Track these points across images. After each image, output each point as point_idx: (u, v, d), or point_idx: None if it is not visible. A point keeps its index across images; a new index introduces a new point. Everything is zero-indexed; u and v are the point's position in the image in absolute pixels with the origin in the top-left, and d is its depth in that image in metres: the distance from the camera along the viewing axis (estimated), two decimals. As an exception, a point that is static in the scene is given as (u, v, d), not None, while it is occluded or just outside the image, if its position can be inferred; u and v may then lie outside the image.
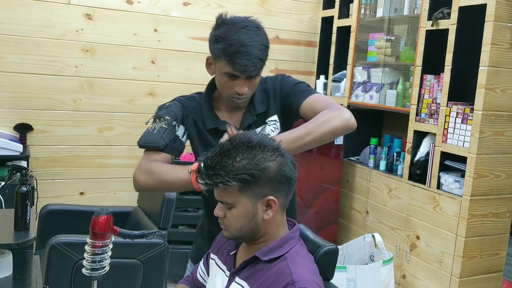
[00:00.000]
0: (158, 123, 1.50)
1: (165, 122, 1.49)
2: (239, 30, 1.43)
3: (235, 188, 1.18)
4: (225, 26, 1.45)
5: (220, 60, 1.44)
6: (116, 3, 3.34)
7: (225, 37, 1.42)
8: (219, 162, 1.19)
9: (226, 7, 3.65)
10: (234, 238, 1.27)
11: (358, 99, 3.58)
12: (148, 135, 1.49)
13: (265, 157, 1.19)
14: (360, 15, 3.58)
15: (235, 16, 1.48)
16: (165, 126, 1.48)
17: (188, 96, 1.63)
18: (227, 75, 1.45)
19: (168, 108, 1.55)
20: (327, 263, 1.32)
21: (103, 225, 1.36)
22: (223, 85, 1.49)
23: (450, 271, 2.74)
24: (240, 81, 1.46)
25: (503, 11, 2.54)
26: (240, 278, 1.25)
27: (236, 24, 1.44)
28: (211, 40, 1.48)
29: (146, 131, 1.51)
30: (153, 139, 1.47)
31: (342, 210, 3.68)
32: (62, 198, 3.33)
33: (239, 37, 1.41)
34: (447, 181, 2.80)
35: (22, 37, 3.12)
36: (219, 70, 1.47)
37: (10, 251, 1.72)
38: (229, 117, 1.58)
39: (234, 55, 1.40)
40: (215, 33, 1.47)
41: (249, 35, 1.42)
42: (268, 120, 1.61)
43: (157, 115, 1.54)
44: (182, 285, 1.49)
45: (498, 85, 2.60)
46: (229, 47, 1.41)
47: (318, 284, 1.17)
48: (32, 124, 3.19)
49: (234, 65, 1.41)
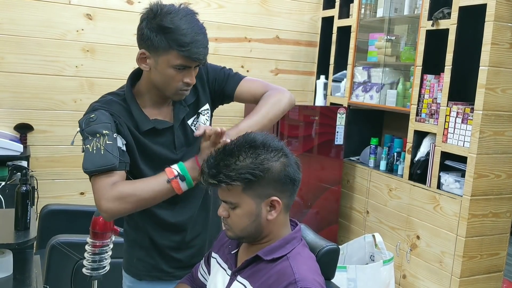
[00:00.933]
0: (97, 140, 1.31)
1: (106, 137, 1.32)
2: (183, 18, 1.35)
3: (239, 188, 1.18)
4: (168, 16, 1.33)
5: (169, 52, 1.34)
6: (116, 3, 3.34)
7: (174, 27, 1.32)
8: (222, 161, 1.19)
9: (227, 7, 3.65)
10: (238, 238, 1.27)
11: (358, 99, 3.58)
12: (96, 157, 1.29)
13: (269, 157, 1.19)
14: (360, 15, 3.58)
15: (167, 5, 1.37)
16: (109, 142, 1.31)
17: (104, 100, 1.45)
18: (177, 67, 1.35)
19: (98, 120, 1.35)
20: (328, 263, 1.33)
21: (104, 224, 1.37)
22: (170, 79, 1.37)
23: (450, 271, 2.74)
24: (191, 71, 1.39)
25: (503, 11, 2.54)
26: (242, 277, 1.25)
27: (177, 13, 1.35)
28: (153, 32, 1.34)
29: (87, 153, 1.31)
30: (105, 161, 1.29)
31: (343, 210, 3.68)
32: (62, 198, 3.33)
33: (189, 26, 1.34)
34: (447, 181, 2.80)
35: (22, 37, 3.13)
36: (166, 64, 1.36)
37: (11, 251, 1.73)
38: (158, 113, 1.47)
39: (190, 45, 1.32)
40: (157, 23, 1.33)
41: (195, 23, 1.37)
42: (201, 110, 1.55)
43: (89, 131, 1.34)
44: (183, 284, 1.49)
45: (498, 85, 2.60)
46: (183, 37, 1.32)
47: (320, 283, 1.17)
48: (33, 124, 3.20)
49: (190, 55, 1.33)
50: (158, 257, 1.53)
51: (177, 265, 1.56)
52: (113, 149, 1.31)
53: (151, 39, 1.35)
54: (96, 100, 1.47)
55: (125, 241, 1.59)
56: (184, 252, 1.56)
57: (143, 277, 1.55)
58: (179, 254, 1.55)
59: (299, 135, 3.40)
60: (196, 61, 1.37)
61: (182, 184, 1.33)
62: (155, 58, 1.38)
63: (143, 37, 1.38)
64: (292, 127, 3.38)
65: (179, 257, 1.56)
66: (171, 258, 1.55)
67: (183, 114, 1.50)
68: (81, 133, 1.37)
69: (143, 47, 1.40)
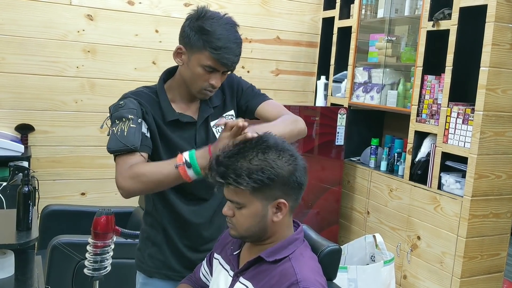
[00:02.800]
0: (122, 124, 1.42)
1: (131, 121, 1.42)
2: (224, 25, 1.44)
3: (248, 189, 1.18)
4: (209, 20, 1.43)
5: (202, 52, 1.43)
6: (117, 4, 3.34)
7: (211, 30, 1.41)
8: (234, 161, 1.18)
9: (227, 8, 3.66)
10: (241, 237, 1.27)
11: (359, 99, 3.59)
12: (120, 139, 1.40)
13: (280, 162, 1.19)
14: (361, 16, 3.58)
15: (211, 10, 1.48)
16: (133, 125, 1.42)
17: (134, 91, 1.56)
18: (206, 67, 1.44)
19: (126, 107, 1.46)
20: (330, 263, 1.33)
21: (105, 225, 1.37)
22: (198, 77, 1.47)
23: (451, 272, 2.75)
24: (218, 75, 1.47)
25: (503, 12, 2.55)
26: (244, 278, 1.25)
27: (220, 20, 1.45)
28: (191, 31, 1.44)
29: (112, 135, 1.42)
30: (127, 142, 1.39)
31: (343, 210, 3.68)
32: (63, 198, 3.33)
33: (226, 33, 1.43)
34: (448, 181, 2.80)
35: (23, 38, 3.13)
36: (197, 62, 1.45)
37: (12, 251, 1.73)
38: (186, 108, 1.56)
39: (222, 50, 1.41)
40: (199, 24, 1.43)
41: (233, 32, 1.46)
42: (226, 114, 1.63)
43: (116, 116, 1.45)
44: (185, 284, 1.49)
45: (499, 85, 2.61)
46: (217, 41, 1.41)
47: (321, 284, 1.17)
48: (34, 124, 3.20)
49: (220, 59, 1.42)
50: (169, 255, 1.58)
51: (187, 264, 1.58)
52: (136, 132, 1.41)
53: (190, 37, 1.45)
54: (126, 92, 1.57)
55: (140, 240, 1.66)
56: (197, 254, 1.58)
57: (153, 275, 1.60)
58: (192, 254, 1.59)
59: (299, 135, 3.40)
60: (224, 66, 1.45)
61: (189, 171, 1.33)
62: (189, 55, 1.47)
63: (183, 34, 1.48)
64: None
65: (191, 257, 1.59)
66: (182, 256, 1.58)
67: (207, 113, 1.58)
68: (110, 118, 1.48)
69: (181, 43, 1.49)
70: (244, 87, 1.66)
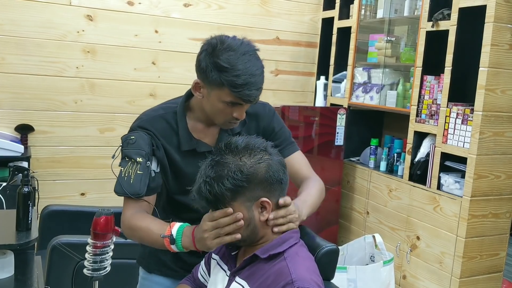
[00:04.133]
0: (130, 167, 1.42)
1: (139, 166, 1.41)
2: (241, 57, 1.35)
3: (228, 196, 1.20)
4: (225, 52, 1.35)
5: (222, 89, 1.35)
6: (117, 4, 3.35)
7: (230, 67, 1.33)
8: (208, 175, 1.21)
9: (227, 8, 3.66)
10: (234, 244, 1.28)
11: (358, 99, 3.59)
12: (126, 184, 1.41)
13: (253, 160, 1.21)
14: (360, 16, 3.59)
15: (229, 38, 1.40)
16: (140, 172, 1.41)
17: (150, 117, 1.50)
18: (227, 103, 1.38)
19: (136, 145, 1.43)
20: (327, 263, 1.33)
21: (104, 225, 1.37)
22: (220, 112, 1.41)
23: (450, 272, 2.75)
24: (241, 108, 1.41)
25: (503, 12, 2.55)
26: (240, 278, 1.25)
27: (237, 50, 1.35)
28: (208, 67, 1.36)
29: (120, 177, 1.44)
30: (132, 189, 1.41)
31: (343, 210, 3.68)
32: (63, 198, 3.33)
33: (245, 67, 1.34)
34: (447, 181, 2.81)
35: (23, 38, 3.13)
36: (217, 98, 1.38)
37: (12, 251, 1.73)
38: (204, 131, 1.52)
39: (243, 87, 1.33)
40: (215, 61, 1.35)
41: (253, 62, 1.36)
42: None
43: (126, 153, 1.44)
44: (184, 285, 1.50)
45: (498, 86, 2.61)
46: (237, 78, 1.33)
47: (317, 283, 1.17)
48: (33, 125, 3.20)
49: (242, 97, 1.35)
50: (169, 254, 1.55)
51: (183, 266, 1.59)
52: (143, 178, 1.41)
53: (207, 73, 1.37)
54: (144, 113, 1.53)
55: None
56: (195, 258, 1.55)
57: (153, 271, 1.65)
58: (188, 257, 1.56)
59: (299, 135, 3.41)
60: (246, 102, 1.38)
61: (172, 246, 1.31)
62: (208, 90, 1.40)
63: (200, 69, 1.40)
64: (292, 127, 3.38)
65: (187, 260, 1.57)
66: (179, 258, 1.58)
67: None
68: (121, 150, 1.48)
69: (199, 78, 1.42)
70: (276, 128, 1.60)
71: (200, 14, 3.59)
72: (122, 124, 3.45)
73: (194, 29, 3.57)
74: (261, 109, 1.59)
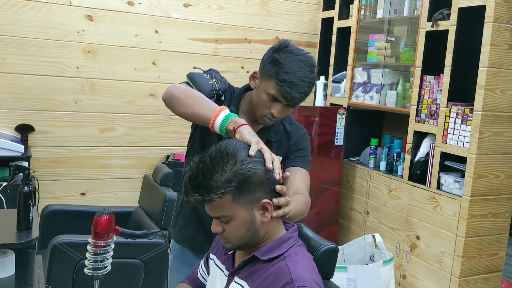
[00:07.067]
0: (212, 78, 1.62)
1: (218, 84, 1.61)
2: (297, 62, 1.50)
3: (229, 199, 1.16)
4: (286, 53, 1.51)
5: (270, 81, 1.51)
6: (117, 5, 3.35)
7: (283, 63, 1.48)
8: (204, 178, 1.15)
9: (227, 8, 3.67)
10: (237, 247, 1.26)
11: (358, 99, 3.59)
12: (201, 77, 1.60)
13: (252, 161, 1.18)
14: (360, 16, 3.59)
15: (295, 46, 1.55)
16: (218, 87, 1.61)
17: (229, 83, 1.70)
18: (270, 95, 1.52)
19: (224, 79, 1.66)
20: (327, 262, 1.34)
21: (105, 225, 1.37)
22: (261, 103, 1.55)
23: (450, 271, 2.75)
24: (279, 105, 1.53)
25: (502, 12, 2.55)
26: (239, 277, 1.25)
27: (296, 56, 1.51)
28: (267, 59, 1.53)
29: (199, 72, 1.63)
30: (204, 83, 1.58)
31: (343, 210, 3.69)
32: (63, 198, 3.34)
33: (296, 69, 1.48)
34: (447, 181, 2.81)
35: (23, 38, 3.14)
36: (263, 89, 1.53)
37: (13, 251, 1.73)
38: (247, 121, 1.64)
39: (286, 83, 1.47)
40: (274, 55, 1.51)
41: (305, 71, 1.50)
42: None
43: (212, 73, 1.63)
44: (184, 284, 1.50)
45: (498, 85, 2.61)
46: (284, 74, 1.47)
47: (317, 282, 1.17)
48: (34, 125, 3.21)
49: (282, 91, 1.48)
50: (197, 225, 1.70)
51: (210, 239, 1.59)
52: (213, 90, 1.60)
53: (264, 64, 1.55)
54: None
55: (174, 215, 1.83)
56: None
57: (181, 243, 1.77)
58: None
59: (299, 135, 3.41)
60: (284, 99, 1.50)
61: (216, 125, 1.40)
62: (260, 81, 1.57)
63: (262, 61, 1.57)
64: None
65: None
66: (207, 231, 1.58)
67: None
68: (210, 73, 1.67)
69: (259, 69, 1.59)
70: (301, 147, 1.71)
71: (200, 14, 3.59)
72: (122, 124, 3.46)
73: (194, 29, 3.57)
74: (299, 131, 1.73)
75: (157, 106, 3.53)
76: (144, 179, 3.18)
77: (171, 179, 2.80)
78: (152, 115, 3.53)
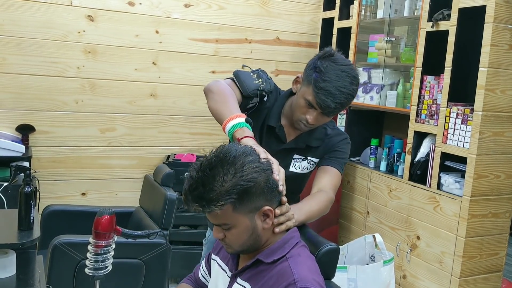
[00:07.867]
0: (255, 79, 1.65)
1: (263, 84, 1.64)
2: (338, 72, 1.50)
3: (229, 208, 1.15)
4: (329, 61, 1.52)
5: (309, 86, 1.53)
6: (117, 5, 3.36)
7: (323, 70, 1.50)
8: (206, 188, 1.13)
9: (227, 9, 3.67)
10: (239, 252, 1.27)
11: (358, 100, 3.60)
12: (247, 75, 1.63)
13: (252, 170, 1.16)
14: (360, 17, 3.59)
15: (340, 55, 1.56)
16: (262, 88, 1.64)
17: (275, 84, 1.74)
18: (306, 101, 1.54)
19: (271, 81, 1.69)
20: (328, 262, 1.34)
21: (106, 225, 1.37)
22: (298, 108, 1.58)
23: (450, 271, 2.75)
24: (315, 113, 1.55)
25: (502, 13, 2.55)
26: (242, 279, 1.25)
27: (338, 65, 1.52)
28: (310, 65, 1.56)
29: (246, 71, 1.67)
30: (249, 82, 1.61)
31: (343, 210, 3.69)
32: (64, 198, 3.34)
33: (335, 79, 1.49)
34: (447, 181, 2.81)
35: (24, 38, 3.14)
36: (302, 94, 1.56)
37: (14, 251, 1.74)
38: (287, 128, 1.69)
39: (322, 91, 1.49)
40: (317, 62, 1.53)
41: (344, 81, 1.50)
42: (309, 158, 1.74)
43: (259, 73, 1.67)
44: (185, 284, 1.50)
45: (498, 86, 2.62)
46: (322, 82, 1.49)
47: (319, 283, 1.18)
48: (34, 125, 3.21)
49: (317, 98, 1.50)
50: None
51: None
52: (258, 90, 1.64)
53: (306, 70, 1.58)
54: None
55: None
56: None
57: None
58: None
59: (299, 135, 3.41)
60: (319, 106, 1.52)
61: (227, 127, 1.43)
62: (301, 85, 1.60)
63: (306, 66, 1.61)
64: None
65: None
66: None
67: (298, 145, 1.70)
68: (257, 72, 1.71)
69: (303, 73, 1.62)
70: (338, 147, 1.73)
71: (200, 14, 3.59)
72: (123, 124, 3.46)
73: (195, 30, 3.58)
74: (340, 135, 1.76)
75: (157, 106, 3.53)
76: (144, 179, 3.18)
77: (171, 179, 2.80)
78: (152, 115, 3.54)
